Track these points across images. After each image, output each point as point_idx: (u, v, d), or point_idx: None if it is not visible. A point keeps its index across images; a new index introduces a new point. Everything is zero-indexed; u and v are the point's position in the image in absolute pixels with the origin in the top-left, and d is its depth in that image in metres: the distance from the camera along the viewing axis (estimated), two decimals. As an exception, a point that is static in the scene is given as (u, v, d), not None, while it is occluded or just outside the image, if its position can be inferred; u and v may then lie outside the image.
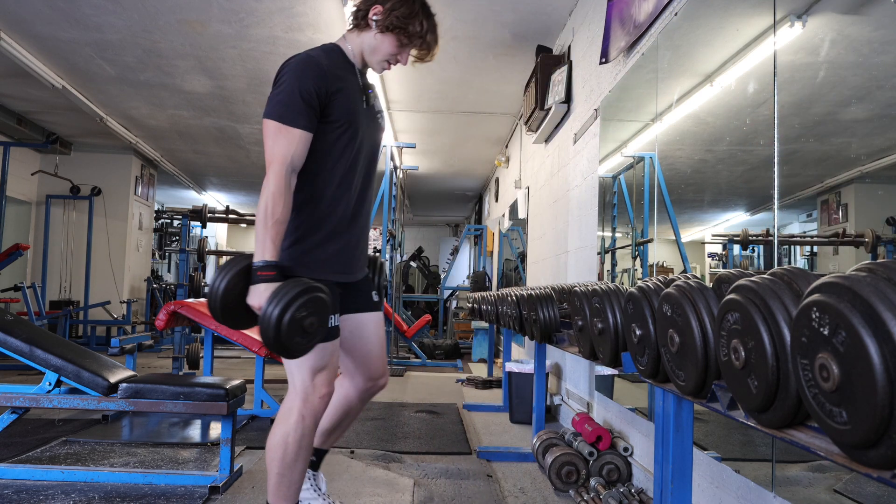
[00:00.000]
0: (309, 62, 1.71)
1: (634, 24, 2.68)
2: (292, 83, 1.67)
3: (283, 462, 1.72)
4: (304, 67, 1.69)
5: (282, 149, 1.65)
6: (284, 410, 1.76)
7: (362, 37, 1.82)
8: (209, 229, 12.78)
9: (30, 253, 7.96)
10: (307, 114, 1.67)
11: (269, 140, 1.66)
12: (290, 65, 1.72)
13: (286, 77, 1.69)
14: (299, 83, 1.67)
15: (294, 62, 1.72)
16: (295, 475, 1.74)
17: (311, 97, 1.67)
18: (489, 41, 4.61)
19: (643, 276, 2.81)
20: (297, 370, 1.75)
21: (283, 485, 1.73)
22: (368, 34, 1.81)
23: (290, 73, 1.69)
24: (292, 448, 1.71)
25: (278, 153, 1.64)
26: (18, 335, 2.59)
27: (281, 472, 1.72)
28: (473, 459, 3.09)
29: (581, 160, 3.64)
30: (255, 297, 1.59)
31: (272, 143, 1.66)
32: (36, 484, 2.48)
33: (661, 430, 1.42)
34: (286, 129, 1.65)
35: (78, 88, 5.86)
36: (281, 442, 1.72)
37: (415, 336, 7.42)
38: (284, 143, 1.65)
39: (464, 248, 12.24)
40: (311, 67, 1.69)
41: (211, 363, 4.05)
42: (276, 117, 1.65)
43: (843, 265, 1.78)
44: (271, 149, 1.65)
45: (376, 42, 1.81)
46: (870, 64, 1.59)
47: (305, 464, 1.77)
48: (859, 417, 0.70)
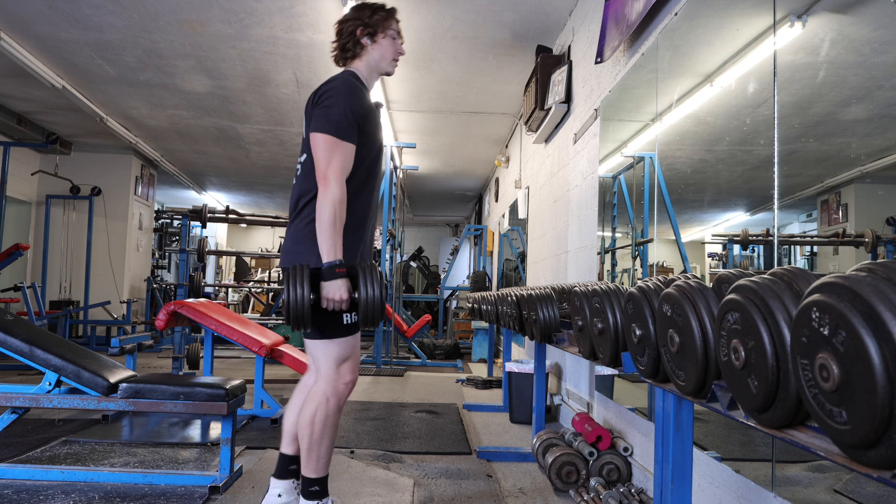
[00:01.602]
0: (352, 85, 1.97)
1: (627, 24, 2.68)
2: (343, 103, 1.91)
3: (311, 439, 1.97)
4: (351, 89, 1.95)
5: (339, 161, 1.89)
6: (313, 393, 2.00)
7: (365, 59, 2.08)
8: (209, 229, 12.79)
9: (30, 253, 7.97)
10: (355, 130, 1.93)
11: (326, 153, 1.88)
12: (336, 86, 1.95)
13: (335, 97, 1.92)
14: (349, 103, 1.92)
15: (339, 84, 1.95)
16: (322, 450, 1.99)
17: (357, 116, 1.93)
18: (489, 41, 4.61)
19: (643, 276, 2.81)
20: (324, 359, 1.99)
21: (311, 459, 1.99)
22: (368, 52, 2.08)
23: (338, 94, 1.93)
24: (318, 427, 1.97)
25: (337, 165, 1.88)
26: (18, 335, 2.59)
27: (309, 447, 1.98)
28: (473, 459, 3.10)
29: (581, 160, 3.64)
30: (335, 290, 1.84)
31: (329, 155, 1.88)
32: (36, 484, 2.48)
33: (661, 430, 1.42)
34: (342, 144, 1.90)
35: (78, 88, 5.86)
36: (309, 421, 1.97)
37: (415, 336, 7.42)
38: (341, 156, 1.89)
39: (464, 248, 12.24)
40: (355, 90, 1.96)
41: (211, 363, 4.05)
42: (334, 133, 1.89)
43: (843, 265, 1.78)
44: (328, 160, 1.88)
45: (379, 51, 2.08)
46: (870, 64, 1.59)
47: (332, 441, 2.02)
48: (859, 417, 0.70)
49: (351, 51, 2.08)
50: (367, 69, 2.09)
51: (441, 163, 8.65)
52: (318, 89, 1.98)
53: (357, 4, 2.13)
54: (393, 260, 7.94)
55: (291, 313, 1.79)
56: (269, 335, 3.94)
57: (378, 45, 2.08)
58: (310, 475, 2.00)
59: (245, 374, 5.52)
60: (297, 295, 1.78)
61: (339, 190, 1.87)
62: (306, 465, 2.00)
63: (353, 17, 2.08)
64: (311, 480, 2.00)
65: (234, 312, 4.37)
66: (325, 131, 1.89)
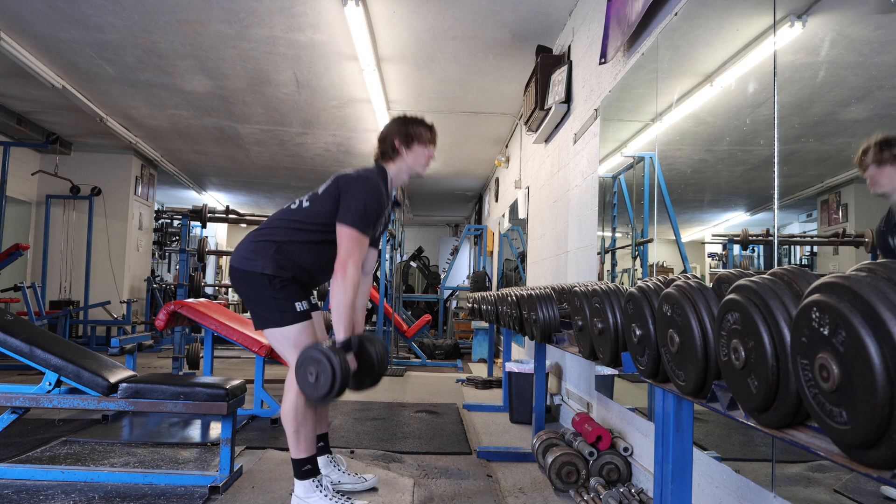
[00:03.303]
0: (377, 188, 2.24)
1: (628, 23, 2.68)
2: (367, 203, 2.19)
3: (296, 421, 2.20)
4: (377, 192, 2.23)
5: (357, 253, 2.16)
6: (289, 384, 2.23)
7: (398, 163, 2.39)
8: (209, 229, 12.79)
9: (30, 253, 7.96)
10: (372, 226, 2.22)
11: (349, 243, 2.15)
12: (364, 185, 2.22)
13: (363, 195, 2.20)
14: (375, 204, 2.21)
15: (367, 184, 2.23)
16: (307, 430, 2.22)
17: (376, 215, 2.23)
18: (489, 41, 4.61)
19: (643, 276, 2.80)
20: (287, 348, 2.22)
21: (300, 440, 2.21)
22: (403, 158, 2.38)
23: (363, 193, 2.20)
24: (301, 410, 2.20)
25: (356, 255, 2.15)
26: (18, 335, 2.59)
27: (296, 429, 2.20)
28: (473, 459, 3.09)
29: (581, 160, 3.64)
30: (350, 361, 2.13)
31: (351, 246, 2.15)
32: (36, 484, 2.48)
33: (661, 430, 1.42)
34: (361, 238, 2.17)
35: (78, 88, 5.86)
36: (291, 408, 2.20)
37: (415, 336, 7.42)
38: (359, 249, 2.16)
39: (464, 248, 12.23)
40: (379, 193, 2.24)
41: (211, 363, 4.05)
42: (358, 228, 2.16)
43: (843, 265, 1.78)
44: (350, 251, 2.14)
45: (413, 156, 2.39)
46: (870, 64, 1.59)
47: (313, 422, 2.25)
48: (859, 417, 0.70)
49: (389, 154, 2.38)
50: (397, 171, 2.39)
51: (441, 163, 8.65)
52: (351, 181, 2.25)
53: (398, 117, 2.44)
54: (393, 260, 7.94)
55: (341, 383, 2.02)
56: (269, 335, 3.93)
57: (412, 153, 2.38)
58: (300, 456, 2.22)
59: (245, 374, 5.52)
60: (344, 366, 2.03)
61: (356, 275, 2.14)
62: (296, 449, 2.22)
63: (394, 129, 2.39)
64: (302, 461, 2.22)
65: (234, 312, 4.37)
66: (352, 225, 2.16)
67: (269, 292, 2.20)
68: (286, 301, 2.21)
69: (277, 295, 2.20)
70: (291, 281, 2.24)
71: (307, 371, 2.04)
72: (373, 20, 4.29)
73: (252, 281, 2.22)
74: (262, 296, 2.21)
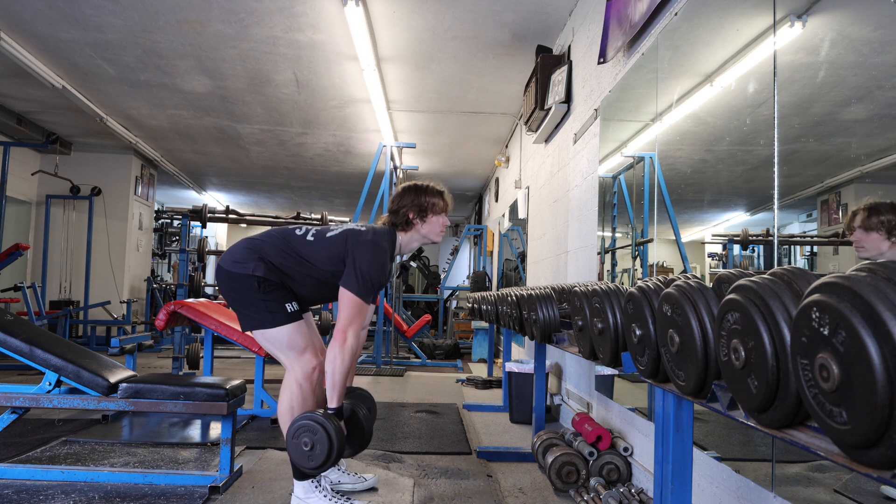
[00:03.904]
0: (383, 257, 2.24)
1: (630, 24, 2.68)
2: (372, 272, 2.18)
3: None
4: (383, 261, 2.23)
5: (358, 322, 2.16)
6: (284, 385, 2.26)
7: (410, 234, 2.40)
8: (209, 229, 12.79)
9: (30, 253, 7.96)
10: (374, 293, 2.22)
11: (351, 311, 2.15)
12: (373, 253, 2.21)
13: (371, 263, 2.19)
14: (376, 273, 2.20)
15: (376, 253, 2.22)
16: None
17: (378, 284, 2.23)
18: (489, 41, 4.61)
19: (643, 276, 2.80)
20: (279, 350, 2.25)
21: None
22: (417, 229, 2.39)
23: (371, 262, 2.19)
24: (297, 410, 2.20)
25: (356, 324, 2.15)
26: (18, 335, 2.59)
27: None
28: (473, 459, 3.09)
29: (581, 160, 3.64)
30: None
31: (353, 314, 2.15)
32: (36, 484, 2.48)
33: (661, 430, 1.42)
34: (363, 305, 2.18)
35: (78, 88, 5.86)
36: (288, 409, 2.21)
37: (415, 336, 7.42)
38: (360, 316, 2.17)
39: (464, 248, 12.23)
40: (384, 263, 2.24)
41: (211, 363, 4.05)
42: (360, 296, 2.16)
43: (843, 265, 1.78)
44: (350, 318, 2.14)
45: (428, 227, 2.40)
46: (870, 64, 1.59)
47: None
48: (859, 417, 0.70)
49: (402, 226, 2.39)
50: (408, 240, 2.41)
51: (441, 163, 8.65)
52: (362, 245, 2.22)
53: (411, 187, 2.43)
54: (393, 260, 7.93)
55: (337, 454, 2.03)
56: (269, 335, 3.94)
57: (427, 224, 2.40)
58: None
59: (245, 374, 5.52)
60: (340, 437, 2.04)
61: (355, 343, 2.14)
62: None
63: (407, 202, 2.37)
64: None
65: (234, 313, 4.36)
66: (355, 293, 2.16)
67: (258, 294, 2.19)
68: (276, 303, 2.20)
69: (267, 297, 2.19)
70: (280, 285, 2.24)
71: (301, 441, 2.01)
72: (373, 20, 4.29)
73: (240, 283, 2.20)
74: (251, 298, 2.19)
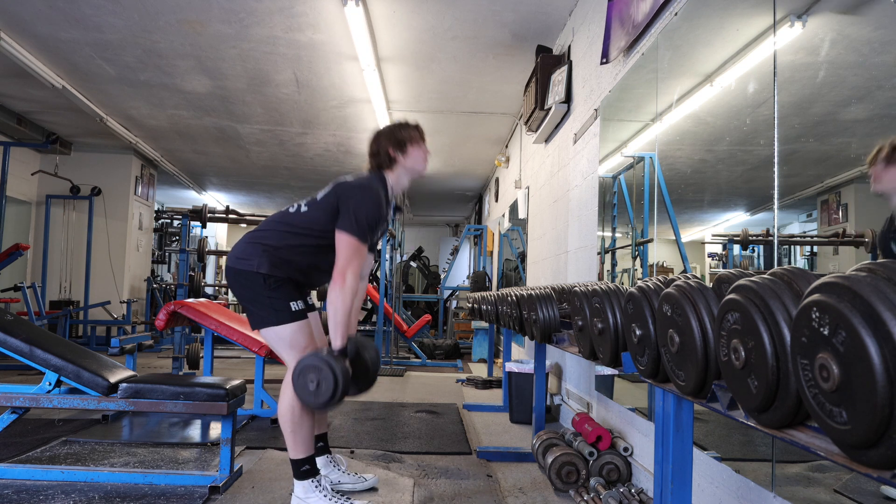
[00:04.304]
0: (378, 196, 2.23)
1: (633, 24, 2.68)
2: (368, 212, 2.18)
3: (293, 421, 2.20)
4: (377, 200, 2.22)
5: (356, 262, 2.16)
6: (285, 384, 2.22)
7: (397, 170, 2.38)
8: (209, 229, 12.78)
9: (30, 253, 7.96)
10: (371, 234, 2.22)
11: (348, 251, 2.15)
12: (364, 194, 2.21)
13: (363, 204, 2.18)
14: (374, 211, 2.20)
15: (367, 193, 2.22)
16: (305, 430, 2.22)
17: (375, 224, 2.23)
18: (489, 41, 4.61)
19: (643, 276, 2.80)
20: (283, 348, 2.24)
21: (297, 441, 2.21)
22: (400, 164, 2.37)
23: (364, 201, 2.19)
24: (297, 410, 2.20)
25: (354, 264, 2.16)
26: (18, 335, 2.59)
27: (293, 429, 2.20)
28: (473, 459, 3.09)
29: (581, 160, 3.64)
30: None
31: (350, 255, 2.15)
32: (36, 484, 2.48)
33: (661, 430, 1.42)
34: (360, 246, 2.17)
35: (78, 88, 5.86)
36: (288, 408, 2.20)
37: (415, 336, 7.42)
38: (358, 257, 2.17)
39: (464, 248, 12.23)
40: (379, 201, 2.23)
41: (211, 363, 4.05)
42: (357, 236, 2.16)
43: (843, 265, 1.78)
44: (349, 259, 2.14)
45: (411, 159, 2.38)
46: (870, 64, 1.59)
47: (310, 422, 2.24)
48: (859, 417, 0.70)
49: (386, 164, 2.37)
50: (396, 178, 2.39)
51: (441, 163, 8.65)
52: (350, 189, 2.23)
53: (382, 130, 2.44)
54: (393, 260, 7.94)
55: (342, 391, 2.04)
56: (269, 335, 3.93)
57: (409, 156, 2.38)
58: (298, 456, 2.22)
59: (245, 374, 5.52)
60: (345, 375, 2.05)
61: (354, 284, 2.15)
62: (293, 449, 2.22)
63: (385, 140, 2.37)
64: (300, 461, 2.22)
65: (234, 312, 4.37)
66: (352, 233, 2.16)
67: (264, 291, 2.21)
68: (281, 300, 2.21)
69: (272, 294, 2.21)
70: (286, 281, 2.25)
71: (307, 379, 2.03)
72: (373, 20, 4.29)
73: (247, 280, 2.22)
74: (257, 295, 2.22)
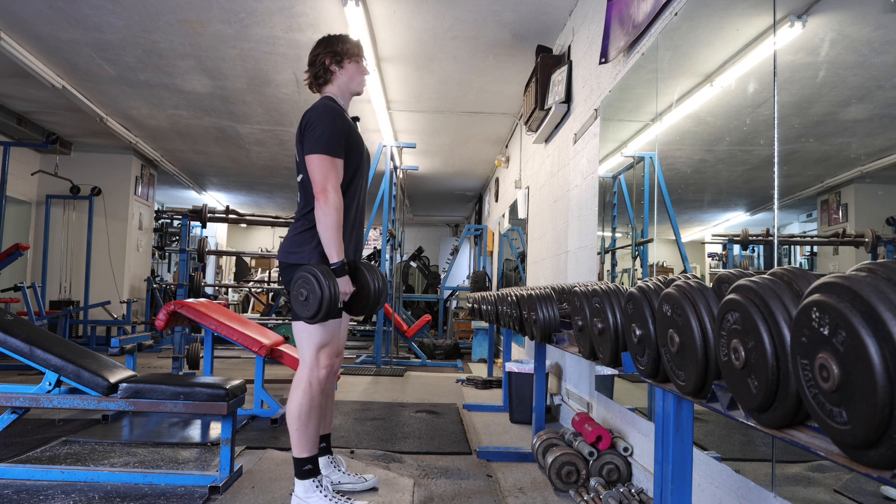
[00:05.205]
0: (332, 108, 2.20)
1: (633, 24, 2.68)
2: (330, 124, 2.15)
3: (300, 421, 2.20)
4: (333, 112, 2.19)
5: (333, 177, 2.14)
6: (296, 381, 2.24)
7: (336, 83, 2.33)
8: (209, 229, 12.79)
9: (30, 253, 7.96)
10: (342, 146, 2.19)
11: (322, 169, 2.12)
12: (319, 111, 2.18)
13: (321, 121, 2.15)
14: (334, 123, 2.16)
15: (321, 109, 2.18)
16: (310, 430, 2.22)
17: (342, 135, 2.18)
18: (489, 41, 4.61)
19: (643, 276, 2.80)
20: (308, 343, 2.23)
21: (302, 439, 2.21)
22: (338, 78, 2.33)
23: (322, 117, 2.16)
24: (305, 409, 2.20)
25: (332, 179, 2.13)
26: (18, 335, 2.59)
27: (299, 428, 2.20)
28: (473, 459, 3.09)
29: (581, 160, 3.64)
30: (344, 285, 2.14)
31: (325, 171, 2.12)
32: (36, 484, 2.48)
33: (661, 430, 1.42)
34: (334, 161, 2.15)
35: (78, 88, 5.86)
36: (297, 406, 2.20)
37: (415, 336, 7.42)
38: (334, 171, 2.14)
39: (464, 248, 12.23)
40: (336, 112, 2.20)
41: (211, 363, 4.05)
42: (327, 152, 2.13)
43: (843, 265, 1.78)
44: (325, 176, 2.12)
45: (347, 75, 2.34)
46: (870, 64, 1.59)
47: (318, 421, 2.25)
48: (859, 417, 0.70)
49: (322, 77, 2.33)
50: (339, 91, 2.35)
51: (441, 163, 8.65)
52: (304, 117, 2.20)
53: (322, 38, 2.37)
54: (393, 260, 7.94)
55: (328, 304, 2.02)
56: (269, 335, 3.94)
57: (345, 70, 2.33)
58: (302, 455, 2.22)
59: (245, 374, 5.52)
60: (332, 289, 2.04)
61: (337, 199, 2.12)
62: (298, 447, 2.22)
63: (321, 50, 2.32)
64: (303, 460, 2.22)
65: (234, 312, 4.37)
66: (319, 151, 2.13)
67: None
68: None
69: None
70: None
71: (298, 291, 2.05)
72: (373, 20, 4.29)
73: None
74: None
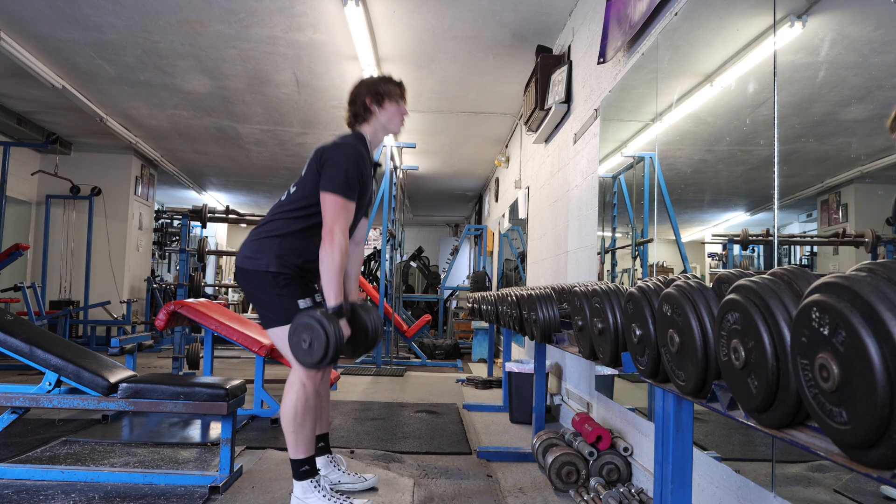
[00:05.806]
0: (358, 152, 2.23)
1: (630, 24, 2.68)
2: (352, 168, 2.18)
3: (295, 422, 2.18)
4: (357, 157, 2.22)
5: (343, 219, 2.16)
6: (289, 384, 2.22)
7: (373, 123, 2.37)
8: (209, 229, 12.78)
9: (30, 253, 7.96)
10: (356, 192, 2.21)
11: (334, 210, 2.14)
12: (342, 151, 2.21)
13: (345, 162, 2.18)
14: (355, 168, 2.19)
15: (345, 149, 2.21)
16: (306, 432, 2.20)
17: (358, 179, 2.21)
18: (489, 41, 4.61)
19: (643, 276, 2.80)
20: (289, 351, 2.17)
21: (298, 441, 2.20)
22: (376, 118, 2.36)
23: (344, 158, 2.19)
24: (300, 411, 2.18)
25: (341, 221, 2.15)
26: (18, 335, 2.59)
27: (294, 430, 2.19)
28: (473, 459, 3.09)
29: (581, 160, 3.64)
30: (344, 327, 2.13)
31: (337, 213, 2.15)
32: (36, 484, 2.48)
33: (661, 430, 1.42)
34: (346, 203, 2.17)
35: (78, 88, 5.86)
36: (291, 408, 2.19)
37: (415, 336, 7.42)
38: (344, 214, 2.16)
39: (464, 248, 12.23)
40: (360, 157, 2.23)
41: (211, 363, 4.05)
42: (341, 194, 2.16)
43: (843, 265, 1.78)
44: (335, 217, 2.14)
45: (387, 115, 2.37)
46: (870, 64, 1.59)
47: (313, 422, 2.23)
48: (859, 417, 0.70)
49: (362, 116, 2.35)
50: (372, 132, 2.37)
51: (441, 163, 8.65)
52: (328, 149, 2.22)
53: (366, 78, 2.43)
54: (393, 260, 7.94)
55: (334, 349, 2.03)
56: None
57: (385, 111, 2.36)
58: (298, 456, 2.21)
59: (245, 374, 5.52)
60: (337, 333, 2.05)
61: (343, 241, 2.14)
62: (294, 449, 2.21)
63: (364, 89, 2.36)
64: (300, 461, 2.21)
65: (234, 312, 4.37)
66: (334, 191, 2.15)
67: (273, 290, 2.21)
68: (289, 298, 2.21)
69: (281, 292, 2.21)
70: (296, 277, 2.25)
71: (300, 338, 2.04)
72: (373, 20, 4.29)
73: (256, 279, 2.23)
74: (266, 294, 2.22)
